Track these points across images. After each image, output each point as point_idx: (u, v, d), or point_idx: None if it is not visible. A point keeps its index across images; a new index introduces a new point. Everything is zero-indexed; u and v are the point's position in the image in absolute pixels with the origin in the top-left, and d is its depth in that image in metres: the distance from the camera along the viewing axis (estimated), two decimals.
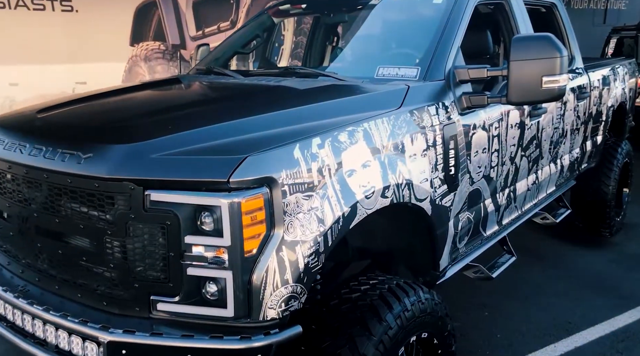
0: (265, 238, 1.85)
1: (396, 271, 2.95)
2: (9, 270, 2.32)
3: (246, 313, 1.85)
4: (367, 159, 2.20)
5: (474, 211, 3.09)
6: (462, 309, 4.16)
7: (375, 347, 2.09)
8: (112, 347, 1.81)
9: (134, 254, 1.87)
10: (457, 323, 3.91)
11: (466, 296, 4.34)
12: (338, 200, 2.04)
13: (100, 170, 1.84)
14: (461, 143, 2.80)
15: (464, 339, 3.75)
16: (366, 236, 2.90)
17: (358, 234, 2.86)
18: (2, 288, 2.21)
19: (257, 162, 1.83)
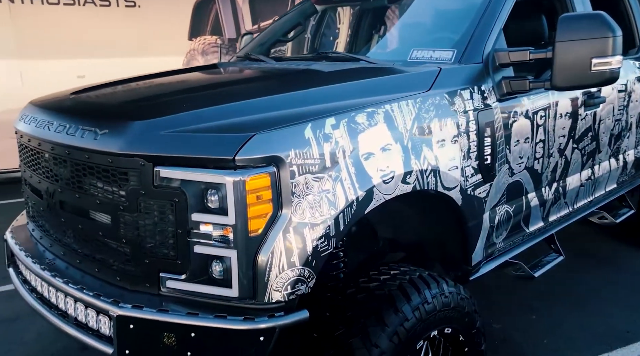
0: (271, 219, 1.81)
1: (432, 265, 2.83)
2: (42, 244, 2.42)
3: (251, 294, 1.82)
4: (388, 143, 2.11)
5: (515, 204, 2.91)
6: (507, 311, 3.95)
7: (389, 338, 2.00)
8: (121, 321, 1.84)
9: (145, 231, 1.88)
10: (499, 325, 3.74)
11: (512, 298, 4.12)
12: (352, 183, 1.96)
13: (114, 146, 1.87)
14: (499, 131, 2.64)
15: (507, 342, 3.56)
16: (396, 227, 2.80)
17: (386, 224, 2.77)
18: (32, 261, 2.30)
19: (265, 141, 1.79)
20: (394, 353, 2.02)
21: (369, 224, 2.79)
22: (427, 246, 2.80)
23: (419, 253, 2.89)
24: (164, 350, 1.82)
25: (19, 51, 6.87)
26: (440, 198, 2.39)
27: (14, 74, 6.63)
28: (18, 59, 6.85)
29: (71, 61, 6.97)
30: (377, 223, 2.79)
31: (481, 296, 4.13)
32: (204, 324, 1.78)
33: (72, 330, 2.05)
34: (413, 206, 2.62)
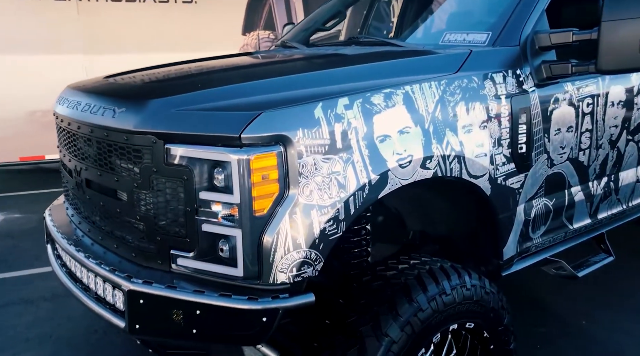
0: (278, 199, 1.78)
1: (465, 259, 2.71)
2: (73, 222, 2.52)
3: (256, 275, 1.81)
4: (406, 125, 2.03)
5: (555, 198, 2.73)
6: (554, 314, 3.74)
7: (401, 328, 1.93)
8: (132, 295, 1.87)
9: (157, 208, 1.91)
10: (544, 329, 3.54)
11: (562, 300, 3.89)
12: (365, 166, 1.90)
13: (129, 123, 1.91)
14: (536, 118, 2.48)
15: (551, 346, 3.36)
16: (424, 218, 2.71)
17: (414, 215, 2.68)
18: (62, 236, 2.40)
19: (272, 119, 1.77)
20: (406, 344, 1.94)
21: (397, 214, 2.71)
22: (457, 239, 2.68)
23: (451, 246, 2.77)
24: (172, 326, 1.84)
25: (84, 47, 7.23)
26: (467, 186, 2.28)
27: (79, 69, 6.98)
28: (83, 54, 7.21)
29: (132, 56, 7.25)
30: (405, 213, 2.71)
31: (524, 296, 3.94)
32: (208, 302, 1.78)
33: (92, 303, 2.11)
34: (440, 195, 2.52)
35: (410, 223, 2.77)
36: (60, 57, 7.06)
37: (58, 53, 7.04)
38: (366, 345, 1.90)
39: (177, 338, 1.86)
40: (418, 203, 2.67)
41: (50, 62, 6.96)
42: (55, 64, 7.00)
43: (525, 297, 3.97)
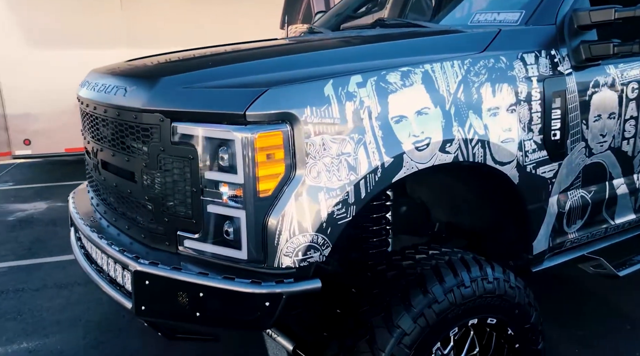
0: (283, 180, 1.71)
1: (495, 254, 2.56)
2: (92, 204, 2.53)
3: (261, 258, 1.74)
4: (425, 106, 1.91)
5: (594, 190, 2.54)
6: (596, 317, 3.51)
7: (413, 320, 1.82)
8: (138, 276, 1.84)
9: (165, 188, 1.87)
10: (583, 332, 3.32)
11: (601, 302, 3.65)
12: (378, 148, 1.80)
13: (138, 102, 1.88)
14: (573, 102, 2.31)
15: (590, 350, 3.15)
16: (450, 208, 2.58)
17: (440, 205, 2.56)
18: (80, 218, 2.41)
19: (278, 97, 1.69)
20: (420, 337, 1.83)
21: (421, 205, 2.59)
22: (485, 231, 2.54)
23: (479, 240, 2.63)
24: (177, 309, 1.80)
25: (128, 41, 7.38)
26: (492, 174, 2.14)
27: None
28: (127, 47, 7.36)
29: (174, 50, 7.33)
30: (429, 203, 2.59)
31: (561, 296, 3.72)
32: (211, 284, 1.74)
33: (105, 285, 2.10)
34: (466, 184, 2.38)
35: (436, 214, 2.64)
36: (104, 51, 7.23)
37: (102, 47, 7.22)
38: (376, 336, 1.81)
39: (181, 320, 1.83)
40: (443, 193, 2.55)
41: (94, 56, 7.11)
42: (99, 58, 7.16)
43: (562, 297, 3.76)
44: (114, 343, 3.38)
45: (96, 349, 3.33)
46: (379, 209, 2.35)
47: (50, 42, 7.13)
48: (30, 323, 3.66)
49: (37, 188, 7.33)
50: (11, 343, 3.42)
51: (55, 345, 3.38)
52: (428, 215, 2.65)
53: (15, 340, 3.46)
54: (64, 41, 7.14)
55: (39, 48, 7.33)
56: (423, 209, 2.62)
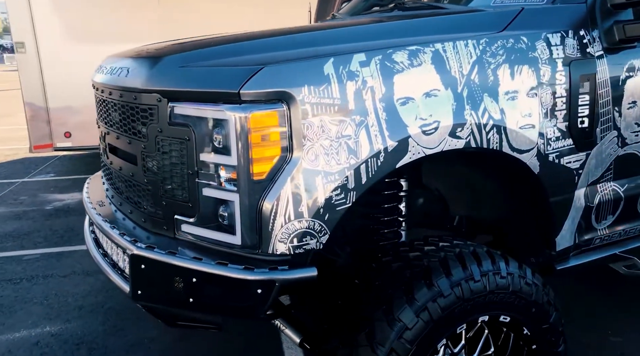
0: (279, 163, 1.64)
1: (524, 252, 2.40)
2: (104, 189, 2.53)
3: (255, 244, 1.67)
4: (434, 88, 1.80)
5: (627, 184, 2.35)
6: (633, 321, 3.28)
7: (416, 314, 1.71)
8: (134, 260, 1.81)
9: (163, 171, 1.83)
10: (619, 339, 3.11)
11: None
12: (381, 131, 1.70)
13: (137, 82, 1.85)
14: (603, 88, 2.14)
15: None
16: (469, 201, 2.44)
17: (458, 198, 2.43)
18: (89, 202, 2.41)
19: (274, 75, 1.62)
20: (422, 332, 1.72)
21: (439, 196, 2.46)
22: (506, 226, 2.39)
23: (503, 235, 2.49)
24: (171, 294, 1.76)
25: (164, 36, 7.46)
26: (511, 163, 2.00)
27: None
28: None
29: None
30: (447, 195, 2.46)
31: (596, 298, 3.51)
32: (204, 269, 1.68)
33: (108, 269, 2.09)
34: (485, 175, 2.25)
35: (455, 207, 2.51)
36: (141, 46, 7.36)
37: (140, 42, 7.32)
38: (375, 330, 1.71)
39: (176, 306, 1.78)
40: (461, 184, 2.42)
41: None
42: None
43: (597, 300, 3.54)
44: (132, 330, 3.40)
45: (114, 335, 3.36)
46: (391, 199, 2.24)
47: (90, 38, 7.30)
48: (55, 308, 3.73)
49: (75, 179, 7.53)
50: (35, 326, 3.50)
51: (76, 330, 3.43)
52: (446, 208, 2.52)
53: (39, 323, 3.53)
54: (104, 37, 7.29)
55: (80, 44, 7.52)
56: (440, 202, 2.49)
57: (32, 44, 7.64)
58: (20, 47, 7.66)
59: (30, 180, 7.66)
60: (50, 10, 7.47)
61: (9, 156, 9.26)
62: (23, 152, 8.91)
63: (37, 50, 7.60)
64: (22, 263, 4.57)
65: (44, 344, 3.30)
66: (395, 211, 2.28)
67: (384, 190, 2.21)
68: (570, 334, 3.09)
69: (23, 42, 7.65)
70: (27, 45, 7.66)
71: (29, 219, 5.81)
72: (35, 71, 7.62)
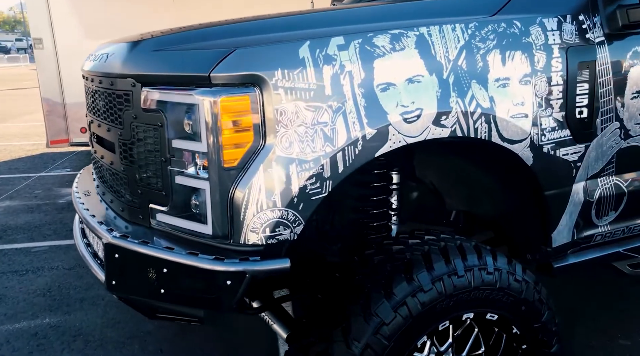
0: (251, 149, 1.58)
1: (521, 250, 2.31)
2: (93, 178, 2.50)
3: (226, 233, 1.62)
4: (417, 74, 1.72)
5: (631, 178, 2.23)
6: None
7: (394, 308, 1.64)
8: (108, 249, 1.77)
9: (138, 159, 1.79)
10: (628, 342, 2.99)
11: None
12: (359, 118, 1.63)
13: (114, 67, 1.82)
14: (604, 76, 2.03)
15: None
16: (466, 195, 2.35)
17: (454, 192, 2.34)
18: (76, 191, 2.39)
19: (246, 58, 1.56)
20: (401, 328, 1.64)
21: (433, 190, 2.38)
22: (503, 221, 2.29)
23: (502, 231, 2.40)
24: (145, 285, 1.71)
25: None
26: (503, 154, 1.90)
27: None
28: None
29: None
30: (442, 189, 2.37)
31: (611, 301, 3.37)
32: (174, 260, 1.63)
33: (89, 258, 2.06)
34: (479, 167, 2.16)
35: (450, 201, 2.42)
36: None
37: None
38: (351, 325, 1.64)
39: (148, 297, 1.74)
40: (457, 178, 2.33)
41: None
42: None
43: (609, 301, 3.40)
44: (130, 323, 3.39)
45: (112, 328, 3.35)
46: (380, 191, 2.17)
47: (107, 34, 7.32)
48: (57, 300, 3.75)
49: None
50: (35, 317, 3.51)
51: (75, 321, 3.43)
52: (442, 202, 2.44)
53: (39, 314, 3.55)
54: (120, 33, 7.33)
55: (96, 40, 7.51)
56: (435, 196, 2.41)
57: (49, 40, 7.73)
58: (38, 44, 7.76)
59: (47, 174, 7.77)
60: (67, 7, 7.56)
61: (30, 151, 9.41)
62: (42, 147, 9.05)
63: (55, 47, 7.69)
64: (29, 255, 4.62)
65: (42, 335, 3.30)
66: (385, 204, 2.21)
67: (373, 182, 2.14)
68: (578, 336, 2.99)
69: (41, 39, 7.75)
70: (45, 42, 7.76)
71: (42, 212, 5.87)
72: (52, 66, 7.72)
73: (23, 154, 9.18)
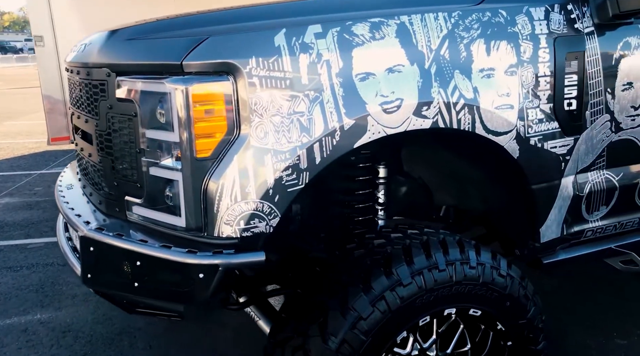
0: (225, 140, 1.54)
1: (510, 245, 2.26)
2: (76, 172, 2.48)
3: (200, 226, 1.58)
4: (398, 63, 1.67)
5: (623, 172, 2.18)
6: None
7: (371, 303, 1.60)
8: (83, 242, 1.74)
9: (114, 150, 1.76)
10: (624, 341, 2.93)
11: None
12: (337, 108, 1.59)
13: (91, 57, 1.79)
14: (594, 67, 1.98)
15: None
16: (455, 190, 2.31)
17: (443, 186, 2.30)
18: (59, 184, 2.37)
19: (220, 45, 1.53)
20: (379, 323, 1.60)
21: (422, 185, 2.34)
22: (493, 216, 2.25)
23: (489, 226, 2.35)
24: (119, 278, 1.68)
25: None
26: (488, 146, 1.86)
27: None
28: None
29: None
30: (431, 183, 2.33)
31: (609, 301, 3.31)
32: (147, 252, 1.60)
33: (69, 252, 2.03)
34: (467, 161, 2.11)
35: (439, 196, 2.38)
36: None
37: None
38: (328, 320, 1.60)
39: (122, 291, 1.71)
40: (445, 172, 2.28)
41: None
42: None
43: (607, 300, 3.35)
44: (120, 319, 3.36)
45: (102, 324, 3.33)
46: (366, 185, 2.13)
47: None
48: (49, 296, 3.74)
49: None
50: (26, 313, 3.50)
51: (65, 318, 3.42)
52: (431, 197, 2.39)
53: (30, 310, 3.53)
54: None
55: None
56: (424, 191, 2.36)
57: (50, 37, 7.73)
58: (39, 41, 7.76)
59: (48, 172, 7.77)
60: (68, 4, 7.55)
61: (32, 149, 9.42)
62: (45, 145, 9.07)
63: (56, 44, 7.68)
64: (25, 251, 4.61)
65: (31, 331, 3.29)
66: (371, 198, 2.17)
67: (358, 176, 2.10)
68: (573, 335, 2.94)
69: (42, 36, 7.75)
70: (46, 39, 7.76)
71: (40, 209, 5.87)
72: (53, 64, 7.71)
73: (26, 151, 9.20)
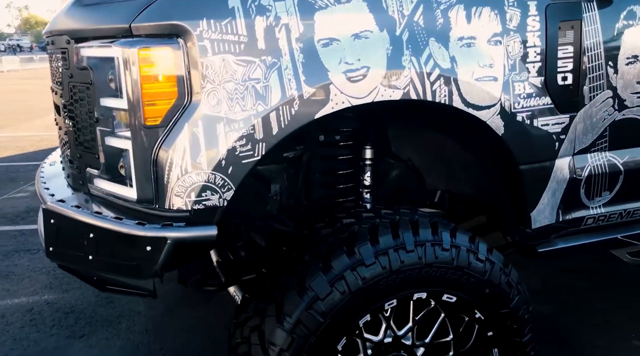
0: (175, 106, 1.47)
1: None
2: None
3: (150, 198, 1.52)
4: (365, 29, 1.56)
5: (629, 155, 2.00)
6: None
7: (330, 283, 1.50)
8: (46, 215, 1.71)
9: (76, 121, 1.72)
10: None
11: None
12: (296, 75, 1.50)
13: (55, 25, 1.76)
14: (592, 38, 1.81)
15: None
16: (446, 174, 2.17)
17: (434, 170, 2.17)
18: (45, 161, 2.36)
19: (169, 7, 1.45)
20: (337, 304, 1.50)
21: (412, 168, 2.22)
22: (482, 199, 2.11)
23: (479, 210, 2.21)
24: (77, 252, 1.64)
25: None
26: (470, 122, 1.73)
27: None
28: None
29: None
30: (421, 166, 2.21)
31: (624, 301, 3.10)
32: (99, 224, 1.55)
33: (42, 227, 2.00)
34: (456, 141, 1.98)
35: (430, 180, 2.25)
36: None
37: None
38: (285, 299, 1.51)
39: (79, 264, 1.67)
40: (435, 153, 2.15)
41: None
42: None
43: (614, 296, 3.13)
44: (122, 303, 3.38)
45: (104, 307, 3.35)
46: (348, 165, 2.03)
47: None
48: (59, 278, 3.79)
49: None
50: (35, 294, 3.56)
51: (70, 299, 3.46)
52: (422, 181, 2.27)
53: (39, 291, 3.59)
54: None
55: None
56: (414, 173, 2.24)
57: None
58: None
59: None
60: None
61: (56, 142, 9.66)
62: None
63: None
64: None
65: (36, 311, 3.33)
66: (354, 179, 2.06)
67: (339, 155, 2.00)
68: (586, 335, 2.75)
69: None
70: None
71: None
72: None
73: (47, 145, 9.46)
